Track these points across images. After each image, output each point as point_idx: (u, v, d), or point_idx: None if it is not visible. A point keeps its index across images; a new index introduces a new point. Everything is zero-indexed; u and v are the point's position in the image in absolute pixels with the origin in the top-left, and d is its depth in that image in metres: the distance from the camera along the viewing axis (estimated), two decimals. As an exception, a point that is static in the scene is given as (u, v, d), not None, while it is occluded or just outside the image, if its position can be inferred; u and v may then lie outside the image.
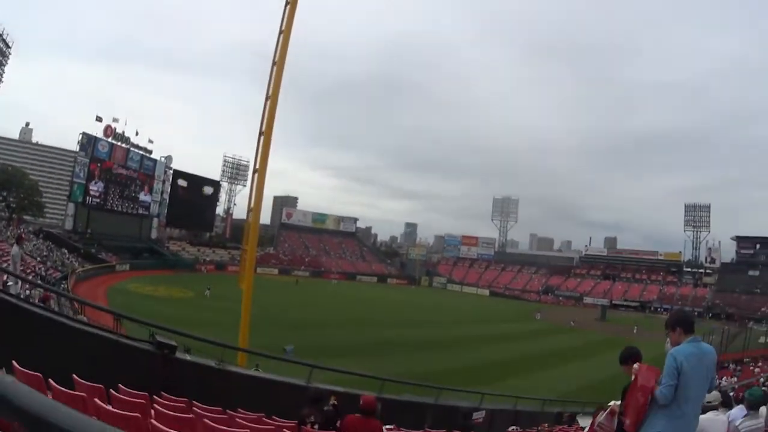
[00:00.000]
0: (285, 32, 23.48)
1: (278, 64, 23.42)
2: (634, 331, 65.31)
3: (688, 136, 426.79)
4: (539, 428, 15.18)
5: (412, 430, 11.37)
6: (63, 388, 5.23)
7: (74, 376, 6.41)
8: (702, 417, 6.00)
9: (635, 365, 5.01)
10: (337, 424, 7.56)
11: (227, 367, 11.56)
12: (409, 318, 61.27)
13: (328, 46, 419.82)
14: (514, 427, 15.84)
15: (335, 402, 8.97)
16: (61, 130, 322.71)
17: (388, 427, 10.44)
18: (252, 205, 24.43)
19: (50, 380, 5.51)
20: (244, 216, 28.32)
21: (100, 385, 6.32)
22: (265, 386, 12.29)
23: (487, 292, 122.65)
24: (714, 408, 6.59)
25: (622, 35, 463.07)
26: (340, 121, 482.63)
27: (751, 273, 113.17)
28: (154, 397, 7.18)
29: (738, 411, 7.12)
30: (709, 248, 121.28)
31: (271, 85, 23.62)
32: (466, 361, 39.70)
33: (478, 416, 16.79)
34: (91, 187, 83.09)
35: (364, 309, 65.74)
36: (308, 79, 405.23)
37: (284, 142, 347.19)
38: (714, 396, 6.78)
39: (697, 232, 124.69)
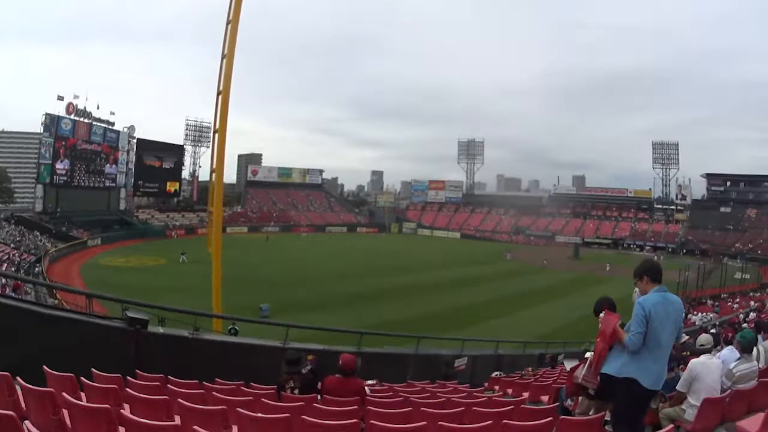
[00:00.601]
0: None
1: (233, 22, 22.87)
2: (607, 269, 66.18)
3: (658, 77, 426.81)
4: (523, 372, 15.25)
5: (394, 384, 11.32)
6: (31, 386, 5.04)
7: (45, 368, 6.24)
8: (695, 361, 6.14)
9: (601, 314, 5.24)
10: (318, 386, 7.48)
11: (202, 335, 11.39)
12: (382, 266, 61.36)
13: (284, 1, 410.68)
14: (497, 373, 15.90)
15: (312, 361, 8.86)
16: (27, 116, 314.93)
17: (369, 382, 10.41)
18: (214, 165, 24.03)
19: (18, 378, 5.32)
20: (209, 178, 27.87)
21: (71, 375, 6.16)
22: (242, 351, 12.20)
23: (458, 235, 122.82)
24: (707, 351, 6.57)
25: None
26: (300, 75, 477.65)
27: (722, 209, 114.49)
28: (128, 379, 7.02)
29: (729, 353, 7.14)
30: (679, 185, 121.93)
31: (227, 44, 23.13)
32: (444, 305, 40.21)
33: (460, 363, 16.89)
34: (57, 167, 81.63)
35: (337, 260, 65.72)
36: (266, 36, 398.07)
37: (245, 101, 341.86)
38: (706, 339, 6.80)
39: (666, 169, 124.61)
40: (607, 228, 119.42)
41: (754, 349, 7.17)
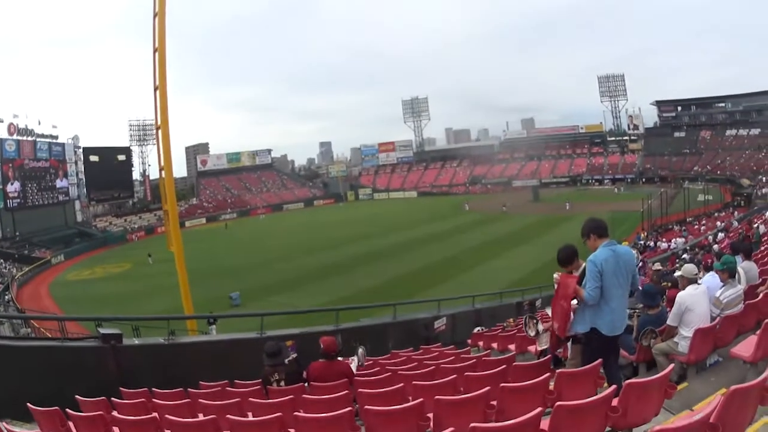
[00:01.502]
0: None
1: (159, 14, 22.20)
2: (567, 208, 67.17)
3: (597, 9, 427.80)
4: (505, 324, 15.42)
5: (378, 358, 11.38)
6: (17, 430, 4.97)
7: (29, 405, 6.12)
8: (684, 294, 6.32)
9: (555, 275, 5.48)
10: (303, 374, 7.48)
11: (178, 339, 11.27)
12: (345, 235, 61.39)
13: None
14: (478, 328, 16.05)
15: (292, 346, 8.85)
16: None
17: (352, 359, 10.47)
18: (162, 163, 23.52)
19: (3, 425, 5.24)
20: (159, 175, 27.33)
21: (56, 408, 6.06)
22: (221, 349, 12.15)
23: (414, 193, 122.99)
24: (694, 281, 6.65)
25: None
26: (234, 56, 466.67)
27: (676, 135, 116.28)
28: (113, 400, 6.95)
29: (712, 279, 7.32)
30: (630, 116, 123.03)
31: (156, 37, 22.51)
32: (413, 265, 40.57)
33: (440, 324, 17.01)
34: (8, 190, 79.41)
35: (299, 237, 65.60)
36: (192, 22, 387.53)
37: (184, 91, 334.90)
38: (689, 270, 6.86)
39: (614, 101, 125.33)
40: (563, 166, 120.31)
41: (736, 273, 7.32)
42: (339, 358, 7.75)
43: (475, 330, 15.77)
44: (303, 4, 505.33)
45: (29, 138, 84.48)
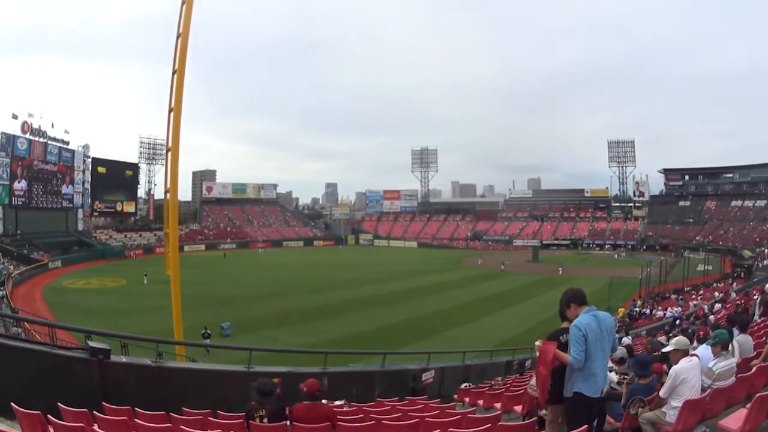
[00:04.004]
0: (187, 1, 22.54)
1: (183, 36, 22.43)
2: (560, 272, 67.37)
3: (610, 75, 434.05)
4: (493, 382, 15.33)
5: (363, 405, 11.28)
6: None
7: (13, 405, 6.13)
8: (679, 368, 6.26)
9: (537, 342, 5.53)
10: (286, 413, 7.44)
11: (165, 363, 11.22)
12: (342, 279, 61.47)
13: (233, 12, 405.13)
14: (466, 384, 15.94)
15: (278, 384, 8.80)
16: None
17: (337, 403, 10.39)
18: (168, 185, 23.55)
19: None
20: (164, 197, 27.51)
21: (37, 413, 6.05)
22: (207, 378, 12.10)
23: (415, 244, 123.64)
24: (686, 353, 6.67)
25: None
26: (250, 88, 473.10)
27: (681, 204, 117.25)
28: (95, 414, 6.92)
29: (705, 350, 7.25)
30: (637, 182, 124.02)
31: (177, 59, 22.68)
32: (406, 315, 40.44)
33: (428, 377, 16.87)
34: (15, 187, 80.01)
35: (295, 275, 65.53)
36: (215, 49, 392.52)
37: (197, 116, 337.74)
38: (683, 342, 6.89)
39: (622, 167, 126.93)
40: (565, 229, 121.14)
41: (730, 345, 7.33)
42: (323, 401, 7.73)
43: (463, 385, 15.66)
44: (324, 41, 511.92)
45: (41, 139, 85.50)
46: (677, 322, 26.96)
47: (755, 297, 24.00)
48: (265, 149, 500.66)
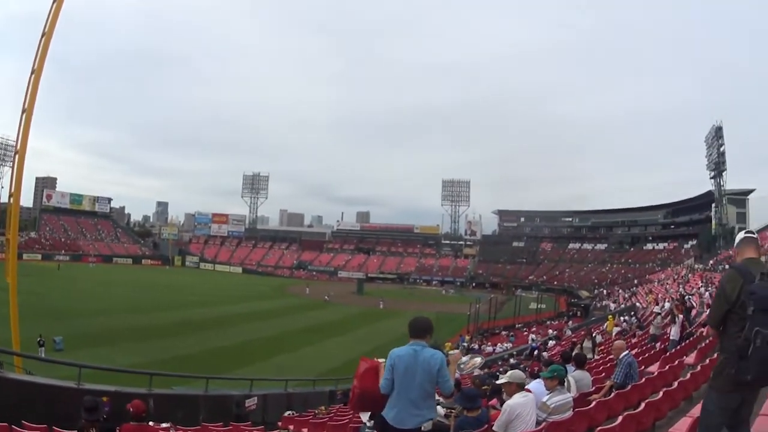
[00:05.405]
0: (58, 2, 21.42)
1: (47, 35, 21.35)
2: (381, 306, 68.54)
3: (452, 116, 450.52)
4: (317, 411, 15.69)
5: (189, 428, 11.32)
6: None
7: None
8: (513, 403, 6.59)
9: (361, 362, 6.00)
10: (116, 432, 7.46)
11: (5, 374, 10.78)
12: (170, 300, 59.79)
13: (88, 16, 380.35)
14: (290, 412, 16.21)
15: (107, 403, 8.75)
16: None
17: (164, 425, 10.38)
18: (12, 190, 22.25)
19: None
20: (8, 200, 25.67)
21: None
22: (43, 392, 11.69)
23: (239, 269, 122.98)
24: (522, 387, 6.97)
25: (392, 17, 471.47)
26: (93, 96, 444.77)
27: (516, 244, 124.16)
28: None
29: (538, 385, 7.60)
30: (469, 221, 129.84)
31: (37, 59, 21.46)
32: (231, 340, 40.05)
33: (251, 403, 17.02)
34: None
35: (125, 292, 63.52)
36: (68, 52, 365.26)
37: (45, 119, 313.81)
38: (519, 375, 7.23)
39: (455, 206, 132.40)
40: (392, 263, 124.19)
41: (566, 381, 7.81)
42: (150, 423, 7.82)
43: (287, 413, 15.93)
44: (175, 60, 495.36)
45: None
46: (511, 359, 28.38)
47: (594, 335, 25.58)
48: (104, 161, 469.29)
